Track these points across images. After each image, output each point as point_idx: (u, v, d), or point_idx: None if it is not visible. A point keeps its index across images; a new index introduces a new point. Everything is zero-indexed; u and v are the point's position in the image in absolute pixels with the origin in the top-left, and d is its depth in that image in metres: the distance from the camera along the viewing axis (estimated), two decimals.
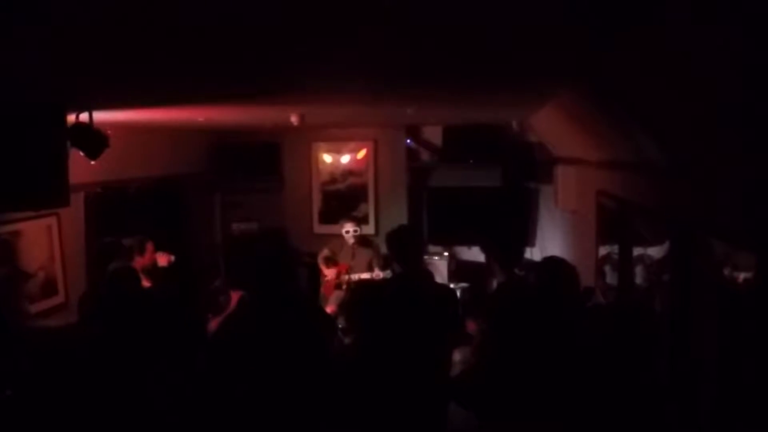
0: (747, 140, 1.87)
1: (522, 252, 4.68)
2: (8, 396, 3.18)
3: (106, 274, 4.50)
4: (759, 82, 1.54)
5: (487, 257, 4.42)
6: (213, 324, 4.34)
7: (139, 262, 5.13)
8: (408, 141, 7.79)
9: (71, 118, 3.62)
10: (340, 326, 4.99)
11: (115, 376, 3.44)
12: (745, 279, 2.12)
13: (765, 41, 1.37)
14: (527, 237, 7.26)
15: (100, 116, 3.79)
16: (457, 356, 4.35)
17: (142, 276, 4.95)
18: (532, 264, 5.50)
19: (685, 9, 1.54)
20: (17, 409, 3.17)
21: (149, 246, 5.33)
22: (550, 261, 3.69)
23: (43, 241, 5.08)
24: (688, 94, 2.12)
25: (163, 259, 5.50)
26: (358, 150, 7.93)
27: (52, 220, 5.14)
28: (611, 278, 4.26)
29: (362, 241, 6.75)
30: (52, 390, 3.28)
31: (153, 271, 5.36)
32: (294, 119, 4.94)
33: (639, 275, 3.54)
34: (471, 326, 4.09)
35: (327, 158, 8.02)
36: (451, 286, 6.21)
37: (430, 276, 3.96)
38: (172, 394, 3.51)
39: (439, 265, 7.30)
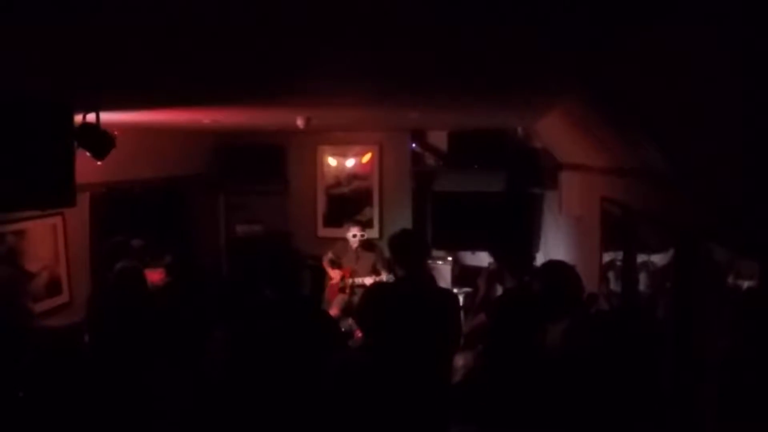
0: (751, 147, 1.87)
1: (533, 259, 4.67)
2: (21, 397, 3.19)
3: (112, 273, 4.50)
4: (762, 87, 1.55)
5: (498, 263, 4.41)
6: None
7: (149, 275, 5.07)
8: (413, 145, 7.80)
9: (78, 118, 3.63)
10: (344, 329, 4.99)
11: (121, 376, 3.45)
12: (748, 287, 2.12)
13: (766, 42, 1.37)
14: (531, 243, 7.25)
15: (107, 117, 3.80)
16: (459, 361, 4.35)
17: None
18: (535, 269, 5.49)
19: (687, 11, 1.54)
20: (24, 409, 3.18)
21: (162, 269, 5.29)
22: (551, 265, 3.69)
23: (48, 240, 5.10)
24: (692, 100, 2.12)
25: (155, 276, 5.30)
26: (363, 154, 7.93)
27: (57, 220, 5.16)
28: (615, 285, 4.25)
29: (366, 244, 6.76)
30: (58, 389, 3.29)
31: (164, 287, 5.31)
32: (300, 122, 4.95)
33: (643, 282, 3.54)
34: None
35: (332, 161, 8.03)
36: (455, 290, 6.21)
37: (432, 280, 3.96)
38: (178, 394, 3.51)
39: (442, 270, 7.29)
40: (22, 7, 1.47)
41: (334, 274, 6.63)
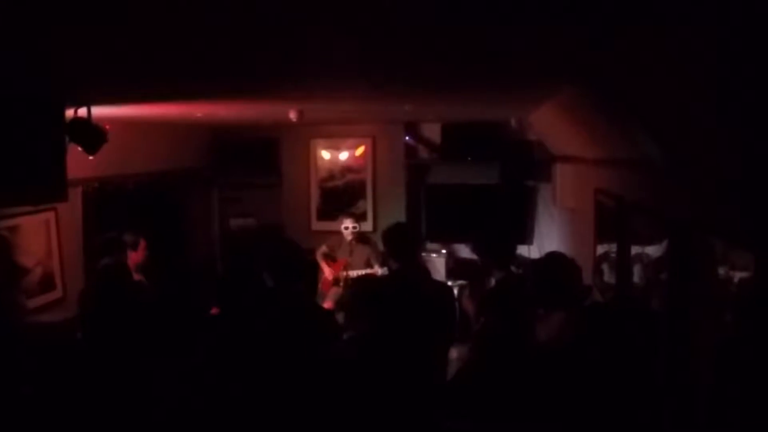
0: (746, 139, 1.87)
1: (514, 249, 4.64)
2: (15, 393, 3.18)
3: (97, 269, 4.49)
4: (758, 81, 1.54)
5: (480, 256, 4.41)
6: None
7: (132, 258, 5.06)
8: (406, 138, 7.79)
9: (70, 112, 3.61)
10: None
11: (114, 372, 3.44)
12: (742, 278, 2.13)
13: (764, 40, 1.37)
14: (525, 235, 7.26)
15: (99, 111, 3.78)
16: (454, 353, 4.36)
17: (135, 272, 4.93)
18: (530, 261, 5.50)
19: (685, 8, 1.54)
20: (18, 405, 3.17)
21: (142, 243, 5.22)
22: (552, 257, 3.69)
23: (41, 236, 5.07)
24: (687, 93, 2.12)
25: (136, 257, 5.15)
26: (356, 147, 7.92)
27: (50, 215, 5.13)
28: (609, 277, 4.26)
29: (360, 237, 6.76)
30: (51, 385, 3.28)
31: (146, 267, 5.28)
32: (293, 115, 4.93)
33: (637, 274, 3.54)
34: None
35: (325, 155, 8.02)
36: (449, 283, 6.22)
37: (426, 273, 3.95)
38: (170, 390, 3.50)
39: (437, 263, 7.29)
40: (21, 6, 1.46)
41: (328, 268, 6.63)
